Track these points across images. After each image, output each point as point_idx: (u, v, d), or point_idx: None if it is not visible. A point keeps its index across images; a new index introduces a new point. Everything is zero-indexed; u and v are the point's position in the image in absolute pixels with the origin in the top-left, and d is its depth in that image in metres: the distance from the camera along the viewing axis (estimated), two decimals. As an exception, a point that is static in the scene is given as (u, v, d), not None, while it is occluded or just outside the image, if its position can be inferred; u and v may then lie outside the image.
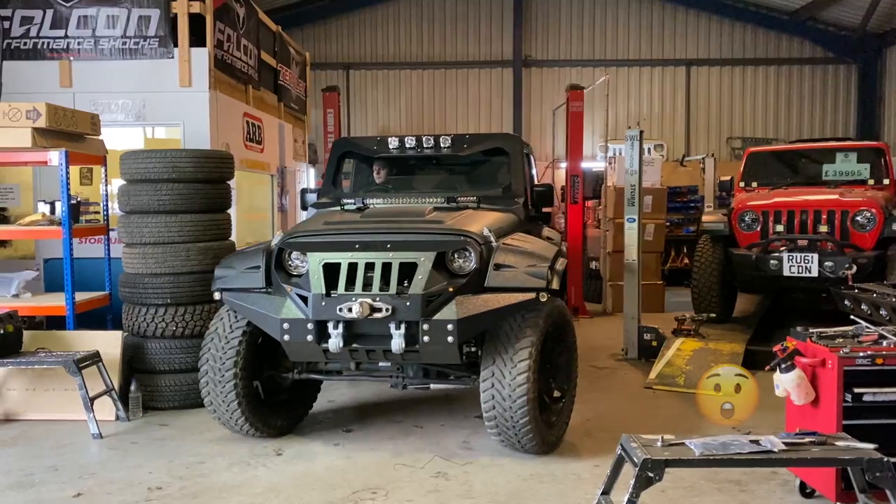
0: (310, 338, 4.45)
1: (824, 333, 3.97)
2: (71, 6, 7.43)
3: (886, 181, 8.27)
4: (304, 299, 4.47)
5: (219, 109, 7.59)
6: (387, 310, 4.31)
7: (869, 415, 3.65)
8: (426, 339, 4.33)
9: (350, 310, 4.31)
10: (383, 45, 18.28)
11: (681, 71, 17.88)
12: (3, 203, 7.57)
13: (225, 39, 7.94)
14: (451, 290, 4.38)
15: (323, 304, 4.40)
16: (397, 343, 4.34)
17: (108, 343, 5.75)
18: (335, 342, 4.38)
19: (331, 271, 4.48)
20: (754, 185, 8.72)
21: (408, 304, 4.33)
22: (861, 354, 3.66)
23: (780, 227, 7.61)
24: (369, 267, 4.46)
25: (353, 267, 4.46)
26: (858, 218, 7.35)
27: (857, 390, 3.64)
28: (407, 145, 6.15)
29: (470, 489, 4.27)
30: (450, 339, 4.31)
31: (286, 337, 4.51)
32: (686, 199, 13.80)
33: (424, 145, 6.13)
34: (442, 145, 6.11)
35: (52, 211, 6.22)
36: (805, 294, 8.52)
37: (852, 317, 4.64)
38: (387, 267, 4.43)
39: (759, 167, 8.95)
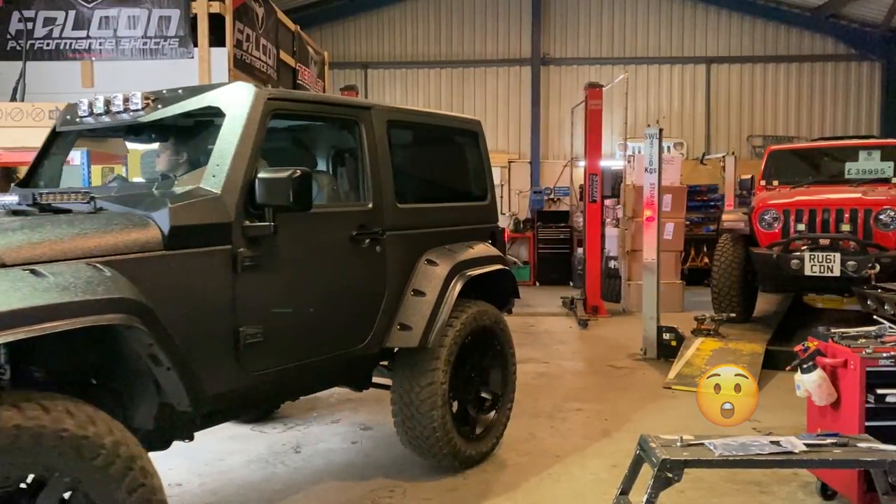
0: None
1: (846, 334, 3.92)
2: (93, 7, 7.51)
3: (910, 179, 8.18)
4: None
5: (238, 109, 7.63)
6: None
7: (892, 416, 3.60)
8: None
9: None
10: (401, 44, 18.30)
11: (701, 68, 17.71)
12: (27, 202, 7.66)
13: (244, 39, 7.99)
14: None
15: None
16: None
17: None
18: None
19: None
20: (775, 183, 8.64)
21: None
22: (884, 355, 3.61)
23: (801, 226, 7.54)
24: None
25: None
26: (882, 217, 7.26)
27: (879, 391, 3.60)
28: (96, 111, 3.84)
29: (488, 489, 4.27)
30: None
31: None
32: (706, 197, 13.72)
33: (112, 109, 3.79)
34: (132, 107, 3.72)
35: (75, 210, 6.29)
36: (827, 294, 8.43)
37: (875, 317, 4.59)
38: None
39: (781, 165, 8.87)
